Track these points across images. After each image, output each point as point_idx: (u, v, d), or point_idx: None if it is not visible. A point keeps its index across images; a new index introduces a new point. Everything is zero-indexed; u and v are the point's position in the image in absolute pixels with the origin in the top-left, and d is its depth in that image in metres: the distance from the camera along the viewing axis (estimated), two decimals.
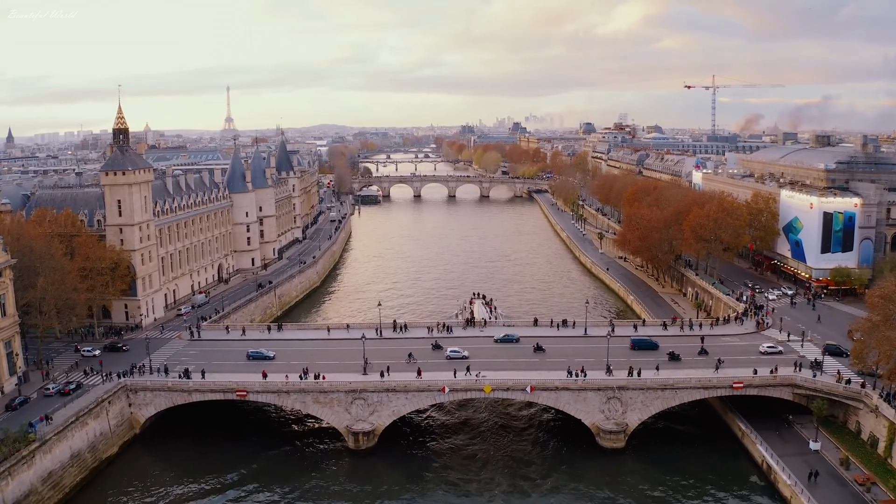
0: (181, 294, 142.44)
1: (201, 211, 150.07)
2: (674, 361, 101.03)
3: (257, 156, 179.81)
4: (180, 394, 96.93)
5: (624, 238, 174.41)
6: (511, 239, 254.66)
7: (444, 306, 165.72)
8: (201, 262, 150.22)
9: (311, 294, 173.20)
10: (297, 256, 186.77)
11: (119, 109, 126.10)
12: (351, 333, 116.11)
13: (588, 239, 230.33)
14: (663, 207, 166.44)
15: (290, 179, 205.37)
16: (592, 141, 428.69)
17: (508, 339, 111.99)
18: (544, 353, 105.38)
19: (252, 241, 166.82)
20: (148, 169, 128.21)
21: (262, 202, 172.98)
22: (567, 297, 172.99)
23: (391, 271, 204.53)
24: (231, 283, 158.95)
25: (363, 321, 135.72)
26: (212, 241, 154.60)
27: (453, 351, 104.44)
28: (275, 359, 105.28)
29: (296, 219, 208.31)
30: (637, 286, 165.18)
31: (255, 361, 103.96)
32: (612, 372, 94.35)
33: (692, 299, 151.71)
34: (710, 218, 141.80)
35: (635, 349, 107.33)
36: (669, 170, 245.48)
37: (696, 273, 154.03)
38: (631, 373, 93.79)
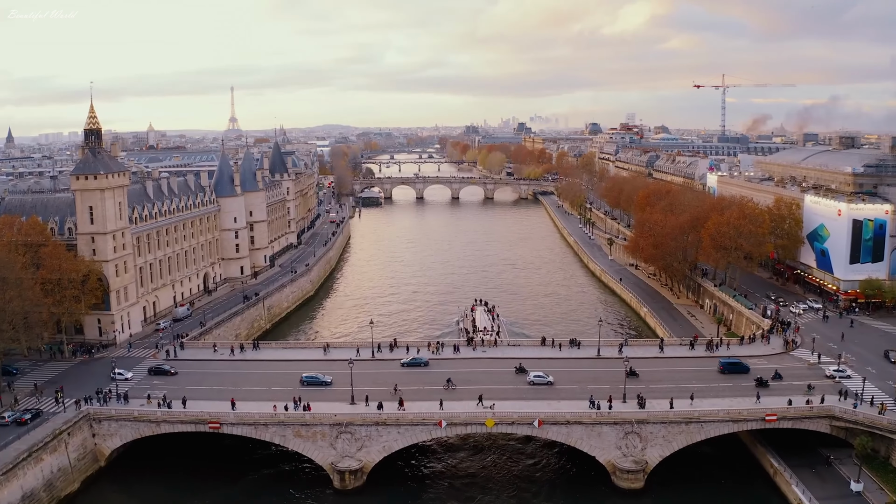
0: (162, 307, 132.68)
1: (185, 217, 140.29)
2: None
3: (248, 157, 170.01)
4: (147, 424, 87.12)
5: (636, 245, 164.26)
6: (516, 244, 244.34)
7: (446, 313, 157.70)
8: (185, 272, 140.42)
9: (304, 304, 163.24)
10: (291, 264, 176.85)
11: (91, 109, 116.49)
12: (339, 353, 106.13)
13: (597, 244, 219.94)
14: (678, 213, 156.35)
15: (284, 182, 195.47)
16: (599, 142, 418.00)
17: (524, 372, 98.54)
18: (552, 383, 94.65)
19: (241, 249, 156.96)
20: (123, 172, 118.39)
21: (252, 206, 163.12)
22: (575, 306, 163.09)
23: (391, 278, 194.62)
24: (218, 293, 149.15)
25: (353, 340, 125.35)
26: (197, 248, 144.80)
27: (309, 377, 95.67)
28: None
29: (290, 223, 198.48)
30: (651, 297, 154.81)
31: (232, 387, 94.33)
32: (639, 403, 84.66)
33: (710, 312, 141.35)
34: (730, 225, 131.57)
35: (725, 372, 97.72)
36: (681, 172, 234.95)
37: (714, 284, 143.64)
38: (642, 404, 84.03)
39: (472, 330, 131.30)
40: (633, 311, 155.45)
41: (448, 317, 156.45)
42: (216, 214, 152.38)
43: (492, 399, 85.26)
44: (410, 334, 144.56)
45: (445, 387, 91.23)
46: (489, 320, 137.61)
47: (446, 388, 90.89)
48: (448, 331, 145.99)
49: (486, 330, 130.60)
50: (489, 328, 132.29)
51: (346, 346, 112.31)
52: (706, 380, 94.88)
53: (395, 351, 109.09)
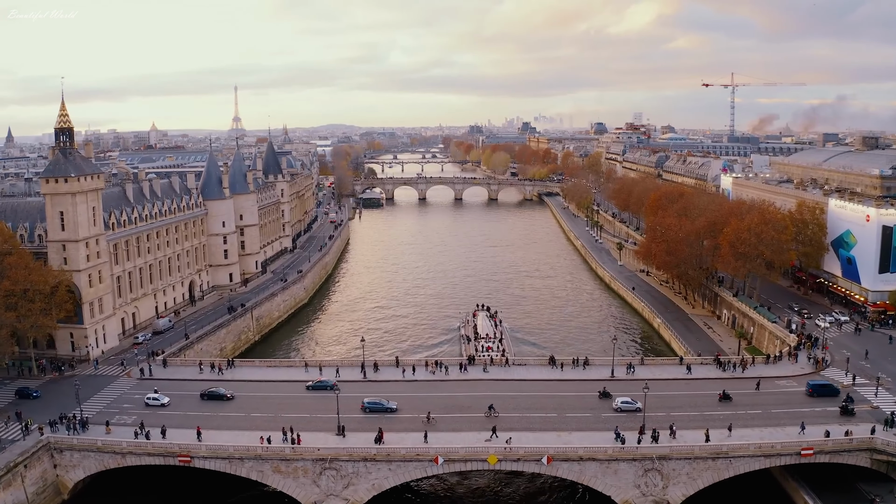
0: (143, 318, 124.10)
1: (168, 221, 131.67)
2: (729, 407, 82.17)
3: (237, 158, 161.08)
4: (112, 456, 78.44)
5: (647, 250, 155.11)
6: (521, 249, 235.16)
7: (446, 318, 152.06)
8: (168, 280, 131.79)
9: (296, 313, 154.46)
10: (284, 270, 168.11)
11: (62, 106, 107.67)
12: (328, 374, 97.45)
13: (605, 248, 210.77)
14: (693, 217, 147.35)
15: (278, 183, 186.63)
16: (606, 141, 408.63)
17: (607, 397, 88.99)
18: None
19: (230, 254, 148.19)
20: (97, 175, 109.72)
21: (242, 209, 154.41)
22: (583, 315, 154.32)
23: (389, 284, 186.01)
24: (204, 302, 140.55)
25: (348, 357, 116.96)
26: (182, 255, 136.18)
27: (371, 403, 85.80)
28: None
29: (285, 226, 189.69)
30: (664, 307, 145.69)
31: (210, 413, 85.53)
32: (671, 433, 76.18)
33: (728, 323, 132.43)
34: (751, 231, 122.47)
35: (814, 395, 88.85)
36: (693, 173, 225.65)
37: (733, 293, 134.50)
38: (673, 433, 75.16)
39: (474, 337, 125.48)
40: (645, 321, 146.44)
41: (448, 321, 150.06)
42: (203, 218, 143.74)
43: (562, 429, 77.18)
44: (409, 342, 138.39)
45: (487, 414, 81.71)
46: (491, 327, 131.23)
47: (488, 416, 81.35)
48: (448, 337, 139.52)
49: (489, 337, 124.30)
50: (491, 335, 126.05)
51: (348, 365, 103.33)
52: (753, 405, 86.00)
53: (398, 370, 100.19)
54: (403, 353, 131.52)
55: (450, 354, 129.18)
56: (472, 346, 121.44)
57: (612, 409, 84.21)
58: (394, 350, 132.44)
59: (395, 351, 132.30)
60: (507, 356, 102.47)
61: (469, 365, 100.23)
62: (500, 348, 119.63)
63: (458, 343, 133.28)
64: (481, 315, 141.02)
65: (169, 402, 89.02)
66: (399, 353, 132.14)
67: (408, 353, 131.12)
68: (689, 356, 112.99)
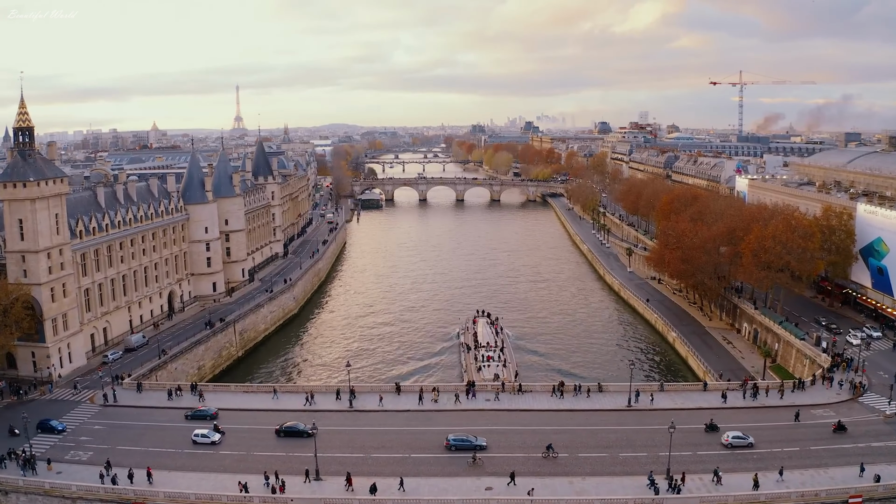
0: (115, 333, 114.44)
1: (145, 228, 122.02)
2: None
3: (222, 159, 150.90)
4: (62, 501, 68.68)
5: (660, 257, 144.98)
6: (524, 253, 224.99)
7: (446, 325, 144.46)
8: (144, 291, 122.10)
9: (286, 325, 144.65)
10: (273, 277, 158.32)
11: (21, 103, 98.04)
12: (315, 402, 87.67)
13: (613, 253, 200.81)
14: (709, 222, 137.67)
15: (268, 185, 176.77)
16: (611, 141, 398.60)
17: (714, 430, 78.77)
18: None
19: (213, 263, 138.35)
20: (60, 179, 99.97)
21: (227, 214, 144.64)
22: (590, 327, 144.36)
23: (386, 292, 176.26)
24: (185, 314, 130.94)
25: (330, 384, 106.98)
26: (160, 264, 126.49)
27: (458, 440, 75.07)
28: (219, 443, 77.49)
29: (275, 231, 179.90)
30: (679, 319, 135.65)
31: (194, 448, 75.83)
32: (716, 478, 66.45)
33: (749, 338, 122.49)
34: (776, 239, 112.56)
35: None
36: (705, 174, 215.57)
37: (754, 305, 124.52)
38: (718, 477, 65.55)
39: (474, 345, 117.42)
40: (658, 334, 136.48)
41: (447, 328, 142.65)
42: (184, 224, 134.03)
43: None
44: (404, 351, 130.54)
45: (545, 454, 71.47)
46: (492, 334, 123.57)
47: (546, 457, 71.16)
48: (447, 345, 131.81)
49: (489, 345, 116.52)
50: (492, 343, 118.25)
51: (324, 391, 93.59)
52: (788, 440, 76.11)
53: (402, 397, 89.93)
54: (398, 362, 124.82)
55: (448, 365, 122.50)
56: (472, 355, 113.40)
57: (721, 444, 74.47)
58: (388, 361, 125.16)
59: (388, 362, 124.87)
60: (518, 382, 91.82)
61: (472, 388, 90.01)
62: (501, 358, 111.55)
63: (457, 351, 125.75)
64: (482, 322, 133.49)
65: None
66: (393, 360, 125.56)
67: (403, 363, 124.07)
68: (711, 377, 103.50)
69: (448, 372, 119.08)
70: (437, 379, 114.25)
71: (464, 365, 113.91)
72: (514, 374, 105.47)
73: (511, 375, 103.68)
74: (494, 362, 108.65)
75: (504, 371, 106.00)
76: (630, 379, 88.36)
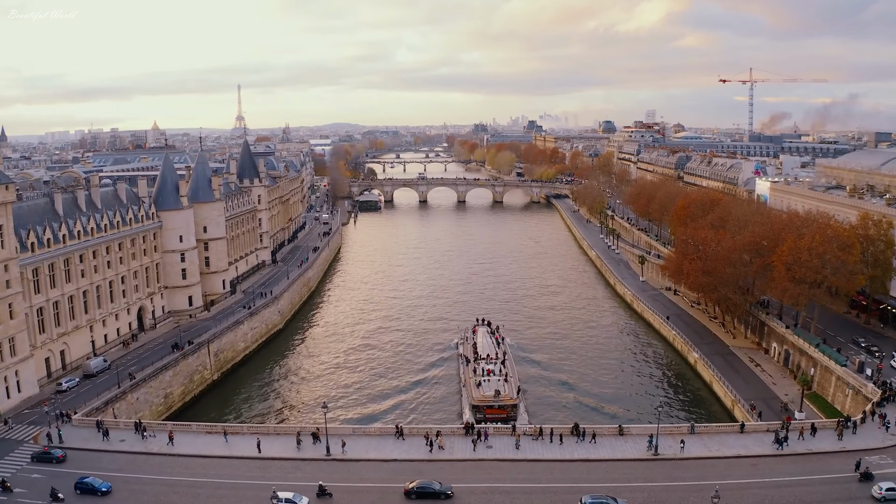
0: (74, 355, 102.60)
1: (110, 237, 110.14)
2: None
3: (200, 161, 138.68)
4: None
5: (677, 267, 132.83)
6: (529, 259, 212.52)
7: (441, 337, 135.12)
8: (109, 308, 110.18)
9: (269, 342, 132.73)
10: (257, 288, 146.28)
11: None
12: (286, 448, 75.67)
13: (623, 260, 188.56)
14: (733, 231, 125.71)
15: (254, 188, 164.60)
16: (617, 140, 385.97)
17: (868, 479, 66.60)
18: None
19: (189, 274, 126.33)
20: (4, 185, 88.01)
21: (206, 220, 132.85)
22: (601, 344, 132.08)
23: (381, 300, 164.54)
24: (157, 331, 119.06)
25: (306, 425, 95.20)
26: (128, 277, 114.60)
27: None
28: None
29: (262, 237, 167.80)
30: (700, 336, 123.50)
31: None
32: None
33: (778, 359, 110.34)
34: (813, 252, 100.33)
35: None
36: (720, 176, 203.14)
37: (785, 323, 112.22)
38: None
39: (473, 357, 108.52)
40: (676, 352, 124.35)
41: (445, 336, 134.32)
42: (156, 232, 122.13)
43: None
44: (397, 365, 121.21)
45: None
46: (493, 345, 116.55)
47: None
48: (445, 355, 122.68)
49: (490, 357, 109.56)
50: (493, 355, 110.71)
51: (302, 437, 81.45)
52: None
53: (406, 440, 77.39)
54: (391, 376, 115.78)
55: (446, 379, 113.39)
56: (472, 368, 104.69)
57: (874, 497, 63.07)
58: (380, 374, 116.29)
59: (381, 375, 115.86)
60: (539, 426, 79.45)
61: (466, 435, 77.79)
62: (502, 371, 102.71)
63: (455, 363, 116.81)
64: (482, 331, 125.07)
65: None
66: (386, 374, 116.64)
67: (397, 377, 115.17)
68: (741, 408, 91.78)
69: (445, 387, 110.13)
70: (434, 400, 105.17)
71: (462, 379, 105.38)
72: (517, 391, 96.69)
73: (513, 392, 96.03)
74: (495, 377, 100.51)
75: (505, 387, 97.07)
76: (657, 420, 75.97)
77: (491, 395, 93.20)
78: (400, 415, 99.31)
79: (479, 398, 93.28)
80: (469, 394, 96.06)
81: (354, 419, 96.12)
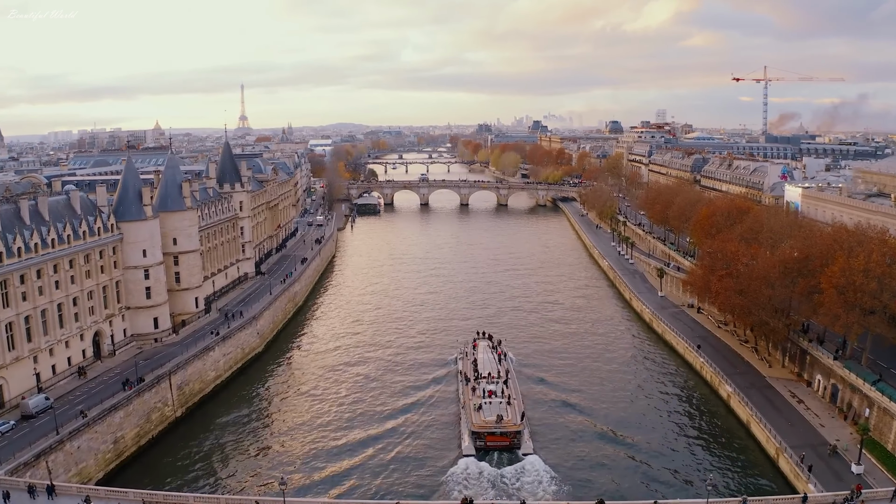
0: (14, 391, 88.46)
1: (59, 254, 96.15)
2: None
3: (171, 164, 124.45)
4: None
5: (704, 283, 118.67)
6: (536, 270, 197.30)
7: (438, 352, 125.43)
8: (58, 335, 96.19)
9: (247, 367, 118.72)
10: (236, 306, 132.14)
11: None
12: None
13: (639, 272, 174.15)
14: (767, 244, 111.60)
15: (235, 194, 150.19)
16: (626, 141, 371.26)
17: None
18: None
19: (154, 293, 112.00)
20: None
21: (175, 231, 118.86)
22: (616, 366, 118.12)
23: (376, 312, 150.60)
24: (116, 359, 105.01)
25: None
26: (81, 298, 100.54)
27: None
28: None
29: (244, 247, 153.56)
30: (731, 364, 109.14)
31: None
32: None
33: (824, 395, 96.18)
34: (870, 274, 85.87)
35: None
36: (743, 180, 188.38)
37: (829, 351, 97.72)
38: None
39: (474, 375, 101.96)
40: (704, 382, 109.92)
41: (442, 350, 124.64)
42: (116, 246, 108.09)
43: None
44: (388, 386, 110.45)
45: None
46: (494, 361, 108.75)
47: None
48: (443, 372, 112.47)
49: (491, 376, 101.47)
50: (494, 373, 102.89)
51: None
52: None
53: None
54: (384, 396, 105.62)
55: (444, 399, 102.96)
56: (471, 388, 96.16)
57: None
58: (372, 395, 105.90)
59: (373, 397, 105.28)
60: None
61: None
62: (504, 393, 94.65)
63: (454, 381, 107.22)
64: (482, 346, 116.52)
65: None
66: (378, 394, 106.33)
67: (389, 398, 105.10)
68: (787, 461, 77.68)
69: (443, 411, 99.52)
70: (430, 421, 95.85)
71: (461, 400, 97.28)
72: (521, 416, 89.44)
73: (516, 417, 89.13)
74: (497, 398, 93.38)
75: (508, 411, 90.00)
76: (706, 495, 61.44)
77: (493, 421, 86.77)
78: (390, 443, 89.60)
79: (479, 424, 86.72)
80: (468, 418, 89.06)
81: (327, 478, 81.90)
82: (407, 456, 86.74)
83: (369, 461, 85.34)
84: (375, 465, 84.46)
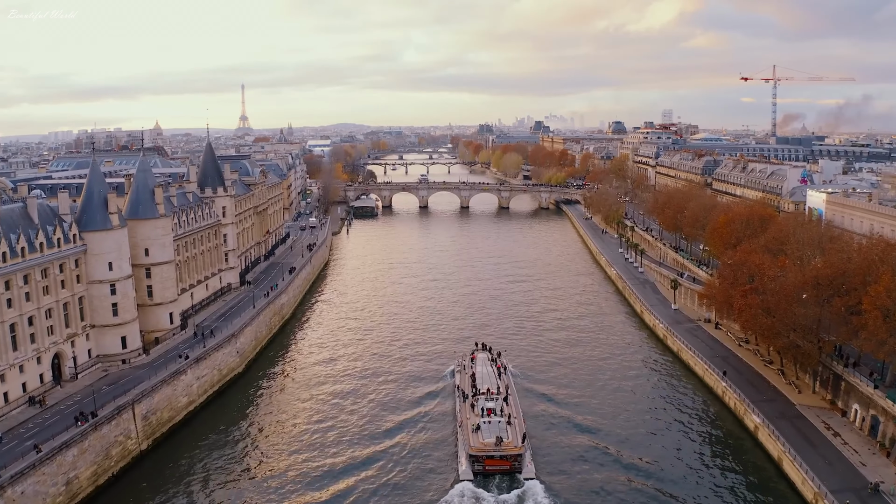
0: None
1: (11, 269, 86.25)
2: None
3: (142, 168, 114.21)
4: None
5: (725, 299, 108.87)
6: (539, 278, 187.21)
7: (435, 371, 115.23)
8: (10, 359, 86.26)
9: (225, 390, 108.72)
10: (215, 322, 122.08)
11: None
12: None
13: (650, 282, 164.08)
14: (796, 257, 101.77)
15: (217, 199, 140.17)
16: (632, 142, 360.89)
17: None
18: None
19: (122, 309, 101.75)
20: None
21: (147, 241, 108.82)
22: (627, 389, 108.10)
23: (365, 333, 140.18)
24: (79, 383, 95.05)
25: None
26: (37, 317, 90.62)
27: None
28: None
29: (228, 256, 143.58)
30: (756, 389, 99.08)
31: None
32: None
33: (862, 426, 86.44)
34: None
35: None
36: (759, 185, 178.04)
37: (866, 378, 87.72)
38: None
39: (471, 390, 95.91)
40: (727, 409, 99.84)
41: (438, 362, 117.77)
42: (80, 259, 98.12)
43: None
44: (380, 402, 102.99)
45: None
46: (493, 374, 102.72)
47: None
48: (438, 387, 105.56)
49: (490, 391, 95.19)
50: (493, 388, 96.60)
51: None
52: None
53: None
54: (374, 414, 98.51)
55: (439, 419, 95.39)
56: (469, 405, 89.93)
57: None
58: (363, 413, 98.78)
59: (364, 415, 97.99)
60: None
61: None
62: (504, 411, 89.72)
63: (450, 397, 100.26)
64: (481, 358, 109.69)
65: None
66: (369, 412, 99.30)
67: (381, 416, 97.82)
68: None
69: (438, 430, 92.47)
70: (424, 441, 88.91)
71: (459, 419, 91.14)
72: (522, 437, 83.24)
73: (517, 438, 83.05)
74: (496, 417, 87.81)
75: (509, 431, 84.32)
76: None
77: (492, 443, 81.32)
78: (380, 467, 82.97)
79: (477, 446, 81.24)
80: (466, 439, 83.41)
81: None
82: (399, 482, 79.82)
83: (357, 486, 78.55)
84: (364, 492, 77.49)
